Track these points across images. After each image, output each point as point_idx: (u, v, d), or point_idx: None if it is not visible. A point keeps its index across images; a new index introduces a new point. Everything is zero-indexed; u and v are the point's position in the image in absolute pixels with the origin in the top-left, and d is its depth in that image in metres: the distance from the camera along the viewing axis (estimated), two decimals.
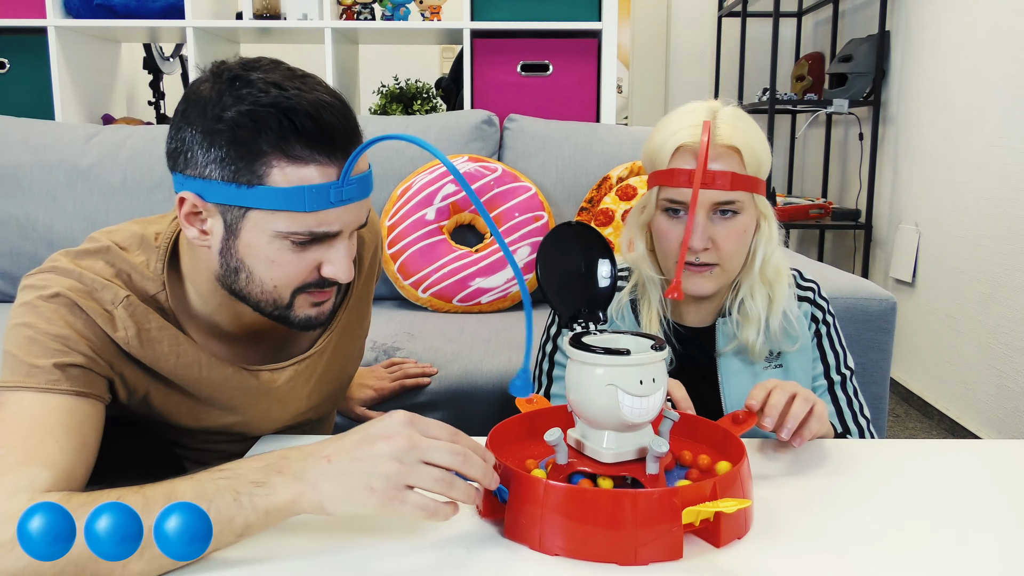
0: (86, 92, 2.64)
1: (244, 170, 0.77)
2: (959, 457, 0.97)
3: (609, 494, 0.70)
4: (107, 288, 0.85)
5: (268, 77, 0.78)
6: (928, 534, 0.76)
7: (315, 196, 0.77)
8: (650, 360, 0.74)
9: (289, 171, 0.77)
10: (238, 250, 0.82)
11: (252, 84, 0.77)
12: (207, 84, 0.80)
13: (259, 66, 0.80)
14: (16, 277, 1.97)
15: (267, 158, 0.77)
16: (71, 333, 0.81)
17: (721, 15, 4.15)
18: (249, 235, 0.80)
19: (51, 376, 0.79)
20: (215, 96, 0.78)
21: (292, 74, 0.80)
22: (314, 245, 0.82)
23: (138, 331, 0.86)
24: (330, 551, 0.72)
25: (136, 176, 1.98)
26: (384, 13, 2.57)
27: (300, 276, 0.83)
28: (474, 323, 1.75)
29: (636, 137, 2.04)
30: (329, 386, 1.07)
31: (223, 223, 0.81)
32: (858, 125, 3.42)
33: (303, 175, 0.77)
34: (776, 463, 0.91)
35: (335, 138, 0.78)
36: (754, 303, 1.07)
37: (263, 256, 0.81)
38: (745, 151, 1.01)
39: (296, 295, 0.85)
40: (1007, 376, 2.43)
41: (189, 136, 0.79)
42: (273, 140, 0.76)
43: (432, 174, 1.92)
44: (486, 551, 0.72)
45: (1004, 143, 2.45)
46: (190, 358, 0.90)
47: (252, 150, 0.76)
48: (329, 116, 0.78)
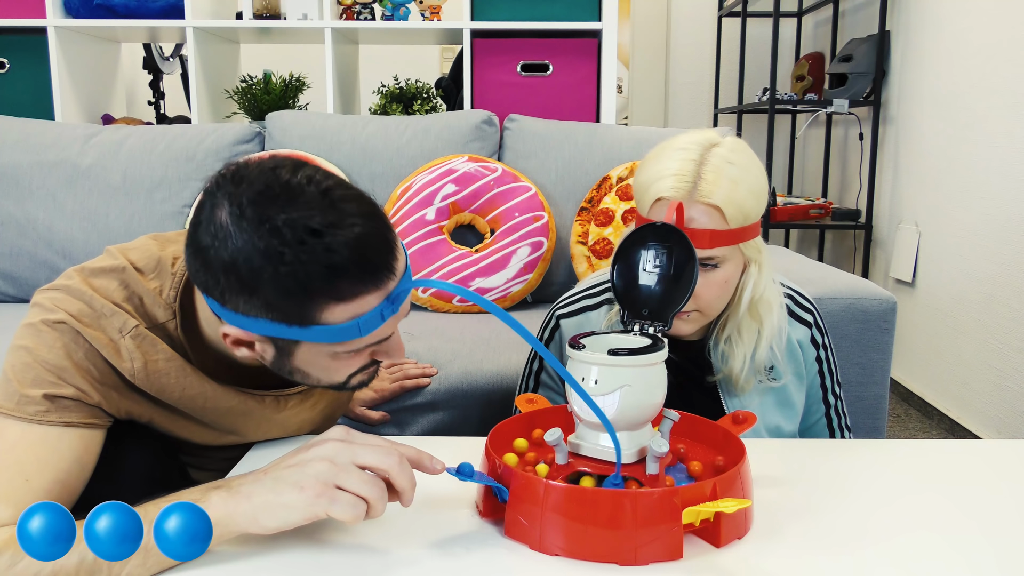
0: (86, 92, 2.64)
1: (294, 315, 0.74)
2: (959, 457, 0.97)
3: (609, 494, 0.70)
4: (116, 315, 0.84)
5: (297, 218, 0.71)
6: (928, 534, 0.76)
7: (369, 322, 0.76)
8: (600, 361, 0.75)
9: (339, 309, 0.74)
10: (293, 363, 0.81)
11: (281, 232, 0.70)
12: (224, 215, 0.72)
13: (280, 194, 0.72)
14: (16, 277, 1.97)
15: (318, 302, 0.73)
16: (68, 364, 0.81)
17: (721, 15, 4.15)
18: (304, 355, 0.79)
19: (39, 407, 0.79)
20: (241, 240, 0.71)
21: (319, 201, 0.72)
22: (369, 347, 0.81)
23: (145, 363, 0.85)
24: (329, 552, 0.72)
25: (136, 176, 1.98)
26: (384, 13, 2.57)
27: (355, 368, 0.83)
28: (474, 323, 1.75)
29: (636, 137, 2.04)
30: (329, 407, 1.08)
31: (274, 348, 0.79)
32: (858, 125, 3.42)
33: (354, 309, 0.75)
34: (776, 463, 0.91)
35: (379, 267, 0.75)
36: (740, 340, 1.06)
37: (319, 367, 0.81)
38: (727, 207, 0.96)
39: (350, 377, 0.85)
40: (1007, 376, 2.42)
41: (223, 279, 0.73)
42: (320, 289, 0.73)
43: (432, 174, 1.92)
44: (486, 551, 0.72)
45: (1004, 143, 2.45)
46: (196, 390, 0.89)
47: (301, 299, 0.73)
48: (370, 251, 0.73)
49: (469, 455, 0.87)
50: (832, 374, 1.15)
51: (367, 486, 0.68)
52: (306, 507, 0.67)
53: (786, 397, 1.11)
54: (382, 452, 0.70)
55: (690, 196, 0.96)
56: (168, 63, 3.54)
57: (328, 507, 0.67)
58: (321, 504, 0.67)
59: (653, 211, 0.99)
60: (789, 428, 1.11)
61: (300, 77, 2.66)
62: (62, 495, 0.79)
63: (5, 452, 0.78)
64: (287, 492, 0.68)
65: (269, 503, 0.68)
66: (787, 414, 1.11)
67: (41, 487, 0.77)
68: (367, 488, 0.69)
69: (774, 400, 1.10)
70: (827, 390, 1.15)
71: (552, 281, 1.98)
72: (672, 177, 0.97)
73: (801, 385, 1.13)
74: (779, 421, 1.10)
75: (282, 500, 0.68)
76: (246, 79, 2.65)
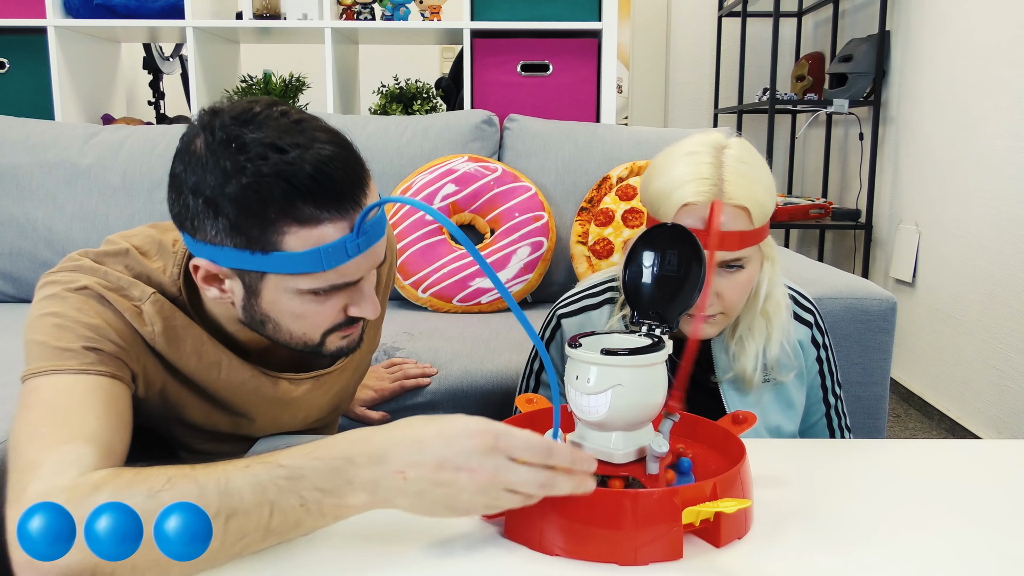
0: (86, 92, 2.64)
1: (256, 239, 0.75)
2: (959, 457, 0.97)
3: (609, 494, 0.70)
4: (134, 285, 0.86)
5: (264, 137, 0.74)
6: (928, 534, 0.76)
7: (332, 254, 0.76)
8: (596, 360, 0.75)
9: (302, 234, 0.75)
10: (261, 307, 0.81)
11: (247, 148, 0.73)
12: (199, 141, 0.76)
13: (253, 119, 0.75)
14: (16, 277, 1.97)
15: (277, 225, 0.74)
16: (101, 323, 0.82)
17: (721, 15, 4.15)
18: (270, 294, 0.80)
19: (85, 359, 0.79)
20: (211, 161, 0.74)
21: (288, 125, 0.75)
22: (337, 292, 0.81)
23: (164, 327, 0.86)
24: (329, 551, 0.72)
25: (136, 176, 1.98)
26: (384, 13, 2.57)
27: (327, 321, 0.83)
28: (474, 323, 1.75)
29: (636, 137, 2.04)
30: (338, 396, 1.08)
31: (242, 284, 0.80)
32: (858, 125, 3.42)
33: (317, 236, 0.75)
34: (776, 463, 0.91)
35: (343, 192, 0.75)
36: (752, 338, 1.07)
37: (287, 311, 0.81)
38: (754, 208, 0.97)
39: (326, 336, 0.85)
40: (1007, 376, 2.42)
41: (192, 203, 0.76)
42: (280, 207, 0.74)
43: (432, 174, 1.92)
44: (486, 551, 0.72)
45: (1005, 143, 2.45)
46: (212, 358, 0.90)
47: (261, 219, 0.74)
48: (333, 172, 0.75)
49: None
50: (832, 374, 1.16)
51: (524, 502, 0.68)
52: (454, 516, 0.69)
53: (787, 397, 1.11)
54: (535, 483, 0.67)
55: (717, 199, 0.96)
56: (168, 63, 3.54)
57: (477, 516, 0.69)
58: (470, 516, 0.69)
59: (680, 216, 0.98)
60: (789, 428, 1.11)
61: (300, 77, 2.66)
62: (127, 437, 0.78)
63: (65, 397, 0.76)
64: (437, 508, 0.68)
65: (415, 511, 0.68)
66: (788, 414, 1.11)
67: (111, 424, 0.76)
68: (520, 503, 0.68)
69: (775, 400, 1.11)
70: (827, 390, 1.15)
71: (552, 281, 1.98)
72: (694, 182, 0.97)
73: (801, 385, 1.13)
74: (780, 421, 1.10)
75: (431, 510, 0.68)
76: (246, 79, 2.65)
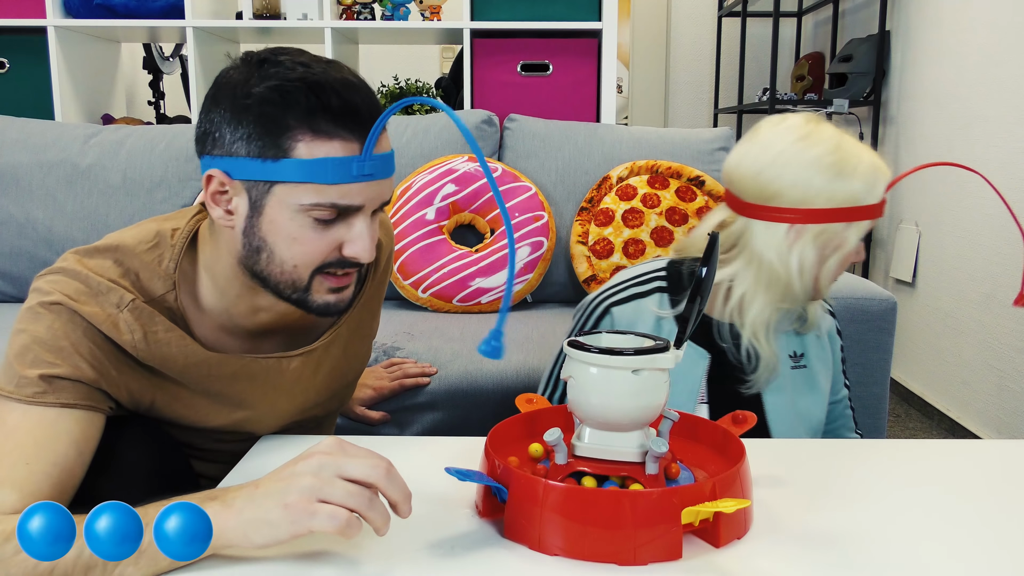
0: (86, 92, 2.64)
1: (270, 145, 0.79)
2: (959, 457, 0.97)
3: (609, 494, 0.70)
4: (112, 291, 0.85)
5: (296, 58, 0.81)
6: (928, 534, 0.76)
7: (338, 169, 0.79)
8: (596, 361, 0.75)
9: (314, 145, 0.79)
10: (261, 228, 0.83)
11: (280, 64, 0.80)
12: (236, 70, 0.83)
13: (287, 51, 0.83)
14: (16, 277, 1.97)
15: (293, 132, 0.79)
16: (65, 344, 0.82)
17: (721, 15, 4.15)
18: (273, 211, 0.82)
19: (36, 388, 0.80)
20: (243, 78, 0.81)
21: (319, 58, 0.83)
22: (336, 224, 0.83)
23: (145, 334, 0.86)
24: (329, 551, 0.72)
25: (136, 176, 1.98)
26: (384, 13, 2.57)
27: (321, 254, 0.84)
28: (474, 323, 1.75)
29: (636, 137, 2.04)
30: (336, 381, 1.07)
31: (248, 200, 0.82)
32: (858, 125, 3.42)
33: (327, 149, 0.79)
34: (776, 463, 0.91)
35: (360, 114, 0.80)
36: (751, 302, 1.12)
37: (285, 233, 0.82)
38: None
39: (315, 276, 0.85)
40: (1007, 376, 2.42)
41: (218, 117, 0.81)
42: (299, 115, 0.78)
43: (432, 174, 1.92)
44: (486, 551, 0.72)
45: (1005, 143, 2.45)
46: (199, 357, 0.90)
47: (279, 125, 0.79)
48: (355, 94, 0.80)
49: (469, 455, 0.87)
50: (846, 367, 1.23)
51: (353, 497, 0.66)
52: (289, 524, 0.66)
53: (814, 382, 1.15)
54: (368, 464, 0.68)
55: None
56: (168, 63, 3.54)
57: (310, 522, 0.65)
58: (303, 520, 0.66)
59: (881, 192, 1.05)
60: (818, 414, 1.15)
61: None
62: (62, 478, 0.79)
63: (5, 437, 0.78)
64: (273, 509, 0.67)
65: (257, 520, 0.67)
66: (816, 399, 1.15)
67: (41, 470, 0.77)
68: (352, 500, 0.67)
69: (804, 384, 1.14)
70: (846, 375, 1.23)
71: (552, 281, 1.98)
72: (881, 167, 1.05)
73: (828, 374, 1.17)
74: (809, 405, 1.14)
75: (268, 517, 0.67)
76: None
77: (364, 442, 0.97)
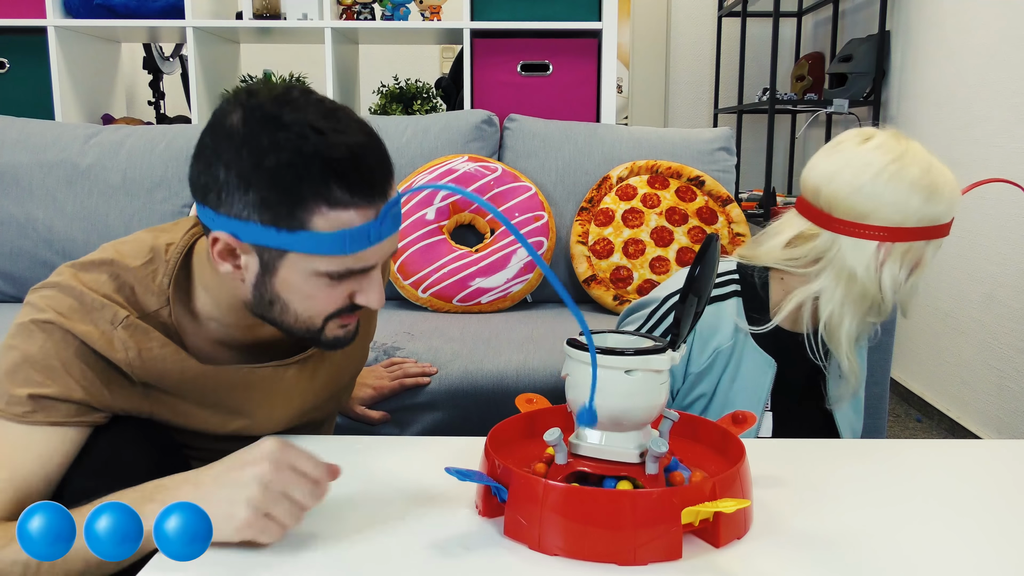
0: (86, 92, 2.64)
1: (284, 215, 0.76)
2: (959, 457, 0.97)
3: (609, 494, 0.70)
4: (106, 308, 0.85)
5: (303, 118, 0.76)
6: (928, 534, 0.76)
7: (356, 239, 0.78)
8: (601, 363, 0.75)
9: (331, 216, 0.76)
10: (274, 286, 0.82)
11: (288, 127, 0.75)
12: (236, 117, 0.77)
13: (290, 101, 0.77)
14: (16, 277, 1.97)
15: (309, 204, 0.76)
16: (57, 364, 0.82)
17: (721, 15, 4.15)
18: (286, 273, 0.80)
19: (25, 408, 0.81)
20: (249, 136, 0.76)
21: (324, 110, 0.78)
22: (349, 278, 0.82)
23: (139, 351, 0.86)
24: (329, 551, 0.72)
25: (136, 176, 1.98)
26: (384, 13, 2.57)
27: (334, 306, 0.84)
28: (474, 323, 1.75)
29: (636, 137, 2.04)
30: (333, 384, 1.07)
31: (259, 261, 0.81)
32: (858, 125, 3.41)
33: (344, 220, 0.77)
34: (776, 463, 0.91)
35: (375, 179, 0.78)
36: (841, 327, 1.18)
37: (299, 292, 0.82)
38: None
39: (328, 321, 0.86)
40: (1007, 376, 2.42)
41: (223, 175, 0.77)
42: (314, 186, 0.75)
43: (432, 174, 1.92)
44: (486, 551, 0.72)
45: (1004, 143, 2.45)
46: (195, 372, 0.90)
47: (293, 197, 0.75)
48: (369, 156, 0.78)
49: (469, 455, 0.87)
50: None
51: (293, 518, 0.71)
52: (235, 532, 0.69)
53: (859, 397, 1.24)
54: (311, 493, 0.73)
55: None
56: (168, 63, 3.54)
57: (257, 536, 0.70)
58: (250, 533, 0.70)
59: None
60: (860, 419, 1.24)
61: (300, 77, 2.67)
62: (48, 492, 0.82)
63: None
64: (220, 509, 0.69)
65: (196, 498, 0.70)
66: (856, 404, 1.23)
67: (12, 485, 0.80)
68: (292, 520, 0.72)
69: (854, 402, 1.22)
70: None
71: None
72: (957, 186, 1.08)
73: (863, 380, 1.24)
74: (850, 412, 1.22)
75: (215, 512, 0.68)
76: (246, 79, 2.65)
77: (364, 442, 0.98)
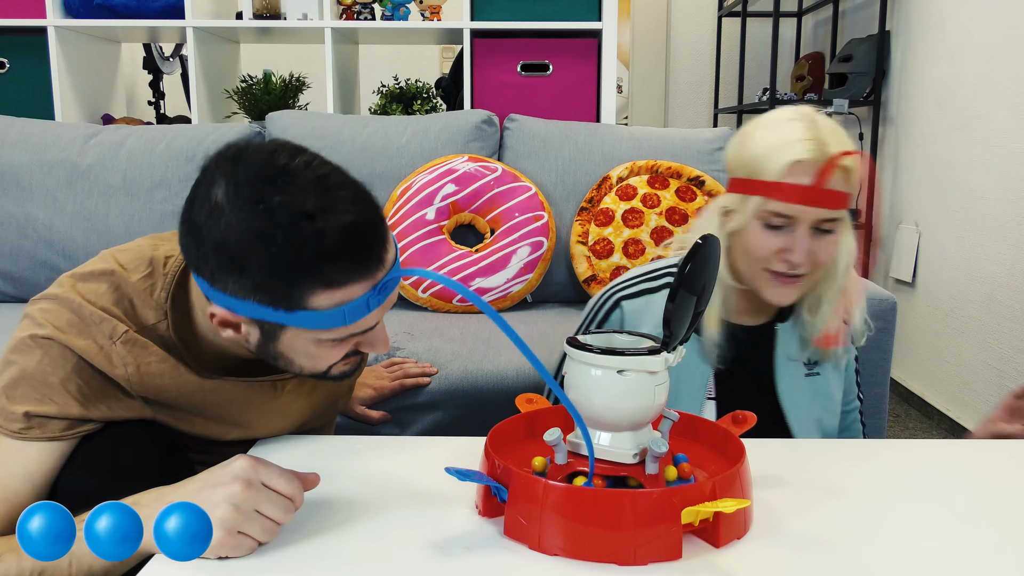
0: (86, 92, 2.64)
1: (281, 297, 0.75)
2: (959, 457, 0.97)
3: (609, 494, 0.70)
4: (105, 322, 0.85)
5: (290, 202, 0.72)
6: (928, 534, 0.76)
7: (355, 310, 0.77)
8: (596, 361, 0.75)
9: (328, 295, 0.75)
10: (278, 347, 0.82)
11: (275, 214, 0.72)
12: (221, 193, 0.74)
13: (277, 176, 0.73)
14: (16, 277, 1.97)
15: (304, 288, 0.74)
16: (55, 381, 0.82)
17: (721, 15, 4.15)
18: (289, 340, 0.80)
19: (21, 424, 0.82)
20: (236, 219, 0.72)
21: (313, 183, 0.74)
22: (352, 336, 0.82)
23: (138, 367, 0.86)
24: (329, 551, 0.72)
25: (136, 176, 1.98)
26: (384, 13, 2.57)
27: (338, 357, 0.84)
28: (474, 323, 1.75)
29: (636, 137, 2.04)
30: (332, 395, 1.07)
31: (260, 330, 0.80)
32: (858, 125, 3.42)
33: (342, 296, 0.76)
34: (776, 463, 0.91)
35: (369, 254, 0.76)
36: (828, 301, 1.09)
37: (303, 353, 0.82)
38: (854, 169, 1.00)
39: (332, 366, 0.86)
40: (1007, 376, 2.42)
41: (214, 258, 0.75)
42: (309, 270, 0.74)
43: (432, 174, 1.92)
44: (486, 551, 0.72)
45: (1004, 143, 2.45)
46: (193, 387, 0.90)
47: (288, 282, 0.74)
48: (361, 238, 0.75)
49: (469, 455, 0.87)
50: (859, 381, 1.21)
51: (267, 534, 0.72)
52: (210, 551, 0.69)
53: (826, 389, 1.14)
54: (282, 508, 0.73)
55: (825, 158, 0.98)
56: (168, 63, 3.54)
57: (230, 552, 0.70)
58: (224, 551, 0.70)
59: (789, 174, 0.99)
60: (830, 422, 1.14)
61: (300, 77, 2.66)
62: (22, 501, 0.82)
63: None
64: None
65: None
66: (827, 405, 1.14)
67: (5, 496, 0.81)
68: (265, 536, 0.72)
69: (815, 392, 1.14)
70: (859, 387, 1.21)
71: (552, 281, 1.98)
72: (805, 141, 0.98)
73: (839, 381, 1.16)
74: (820, 413, 1.13)
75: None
76: (246, 79, 2.65)
77: (364, 442, 0.98)
